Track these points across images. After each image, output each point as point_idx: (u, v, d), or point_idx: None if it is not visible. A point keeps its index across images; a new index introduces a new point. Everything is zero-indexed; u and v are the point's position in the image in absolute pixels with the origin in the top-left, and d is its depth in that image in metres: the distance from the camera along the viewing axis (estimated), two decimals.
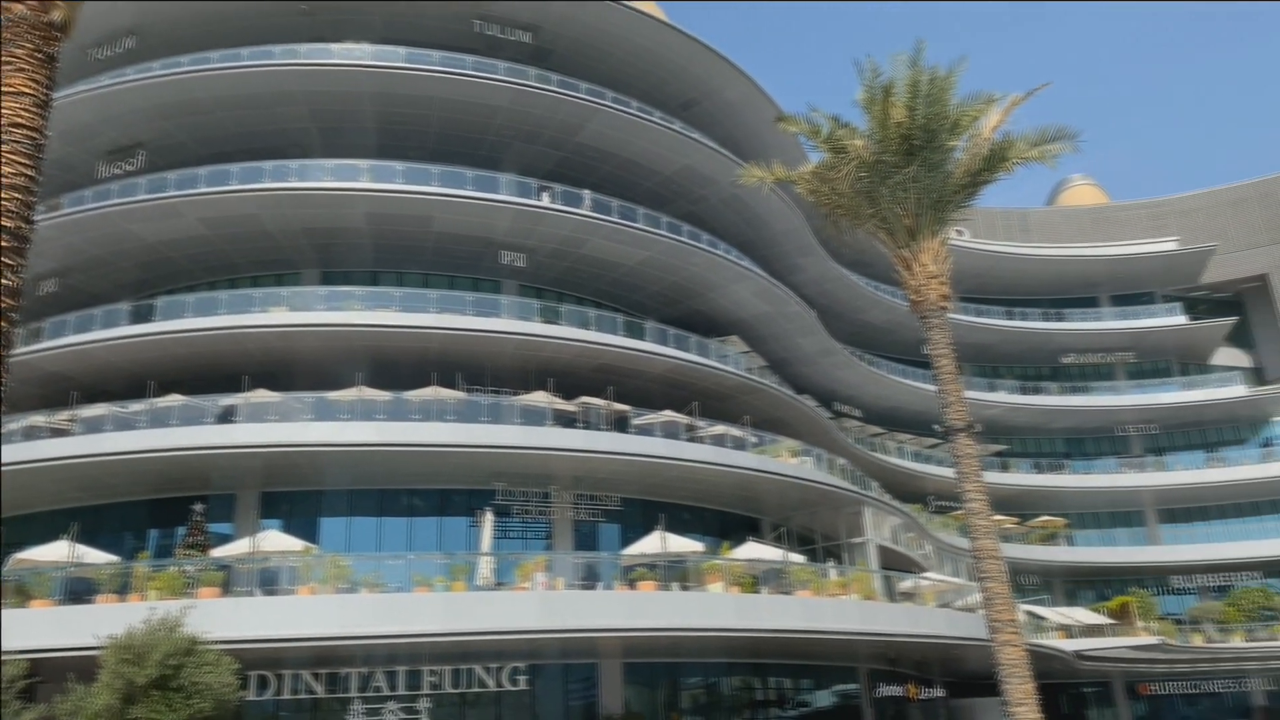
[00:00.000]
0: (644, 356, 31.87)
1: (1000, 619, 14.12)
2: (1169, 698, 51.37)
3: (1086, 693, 51.35)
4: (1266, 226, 57.69)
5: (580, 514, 30.67)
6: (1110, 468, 55.02)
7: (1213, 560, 51.64)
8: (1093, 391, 56.10)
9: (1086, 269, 57.18)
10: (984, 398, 52.68)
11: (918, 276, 15.67)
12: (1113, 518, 55.36)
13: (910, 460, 48.39)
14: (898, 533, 38.26)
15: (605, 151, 34.55)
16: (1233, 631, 48.04)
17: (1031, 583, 50.91)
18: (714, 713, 30.56)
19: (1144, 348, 57.01)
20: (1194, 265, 57.24)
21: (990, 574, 14.36)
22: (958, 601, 34.93)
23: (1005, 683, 13.93)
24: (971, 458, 14.97)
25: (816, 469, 34.16)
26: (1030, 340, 55.55)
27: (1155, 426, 56.29)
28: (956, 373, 15.59)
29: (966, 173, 15.73)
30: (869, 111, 15.54)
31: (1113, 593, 51.17)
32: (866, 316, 48.34)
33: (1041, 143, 15.53)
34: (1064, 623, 44.82)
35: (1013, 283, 56.82)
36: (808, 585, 28.27)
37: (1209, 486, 53.59)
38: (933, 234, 15.72)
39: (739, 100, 36.70)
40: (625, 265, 34.82)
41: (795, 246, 40.49)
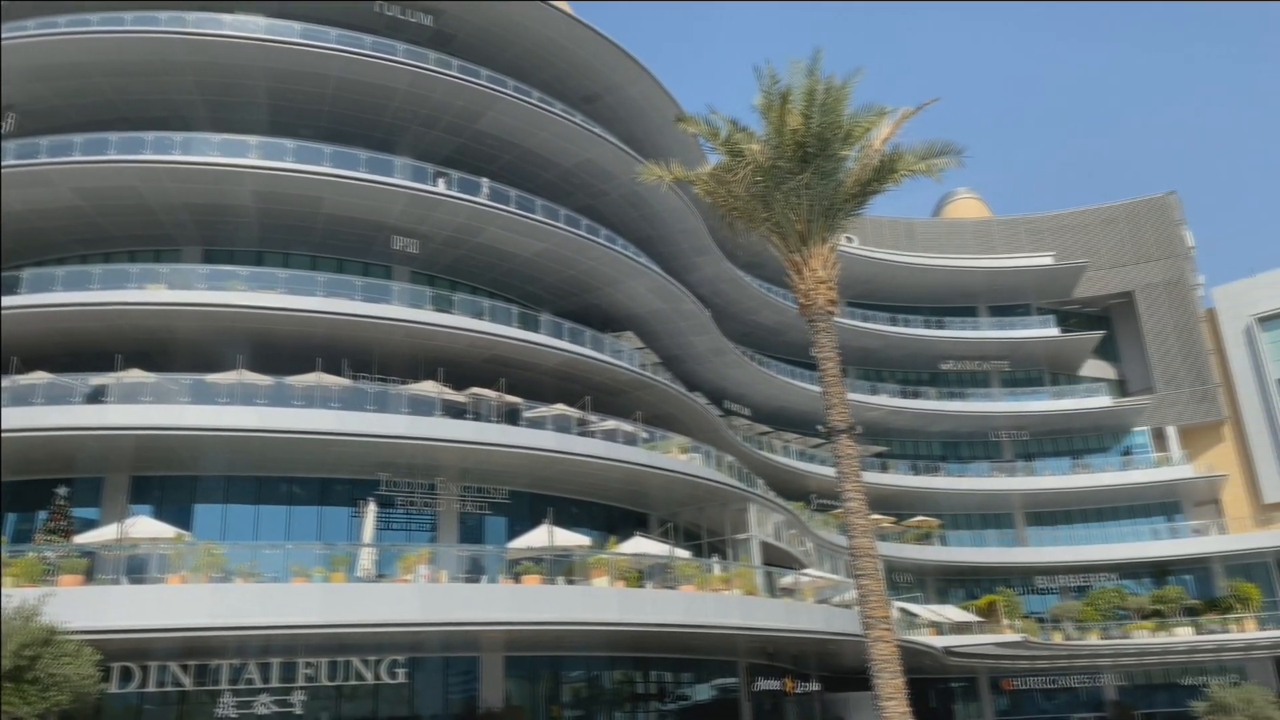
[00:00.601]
0: (538, 349, 31.73)
1: (874, 615, 14.57)
2: (1029, 693, 53.89)
3: (954, 688, 53.44)
4: (1133, 246, 60.91)
5: (467, 506, 30.38)
6: (983, 471, 57.30)
7: (1074, 562, 54.30)
8: (969, 397, 58.35)
9: (967, 279, 59.36)
10: (867, 400, 54.21)
11: (807, 281, 16.03)
12: (984, 519, 57.69)
13: (795, 459, 49.44)
14: (781, 530, 39.06)
15: (505, 140, 34.25)
16: (1089, 630, 50.64)
17: (905, 580, 52.70)
18: (595, 706, 30.69)
19: (1018, 357, 59.53)
20: (1067, 280, 60.02)
21: (866, 571, 14.81)
22: (835, 598, 35.91)
23: (877, 677, 14.38)
24: (852, 458, 15.40)
25: (705, 466, 34.61)
26: (912, 346, 57.38)
27: (1026, 433, 58.86)
28: (841, 375, 16.01)
29: (857, 182, 16.15)
30: (766, 117, 15.81)
31: (982, 591, 53.35)
32: (758, 317, 49.17)
33: (929, 156, 16.06)
34: (935, 620, 46.54)
35: (897, 290, 58.60)
36: (692, 580, 28.64)
37: (1073, 491, 56.35)
38: (823, 240, 16.10)
39: (641, 98, 36.85)
40: (522, 256, 34.59)
41: (692, 246, 40.90)
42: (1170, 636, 49.52)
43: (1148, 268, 60.29)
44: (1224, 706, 35.92)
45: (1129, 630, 50.40)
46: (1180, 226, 61.00)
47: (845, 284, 56.68)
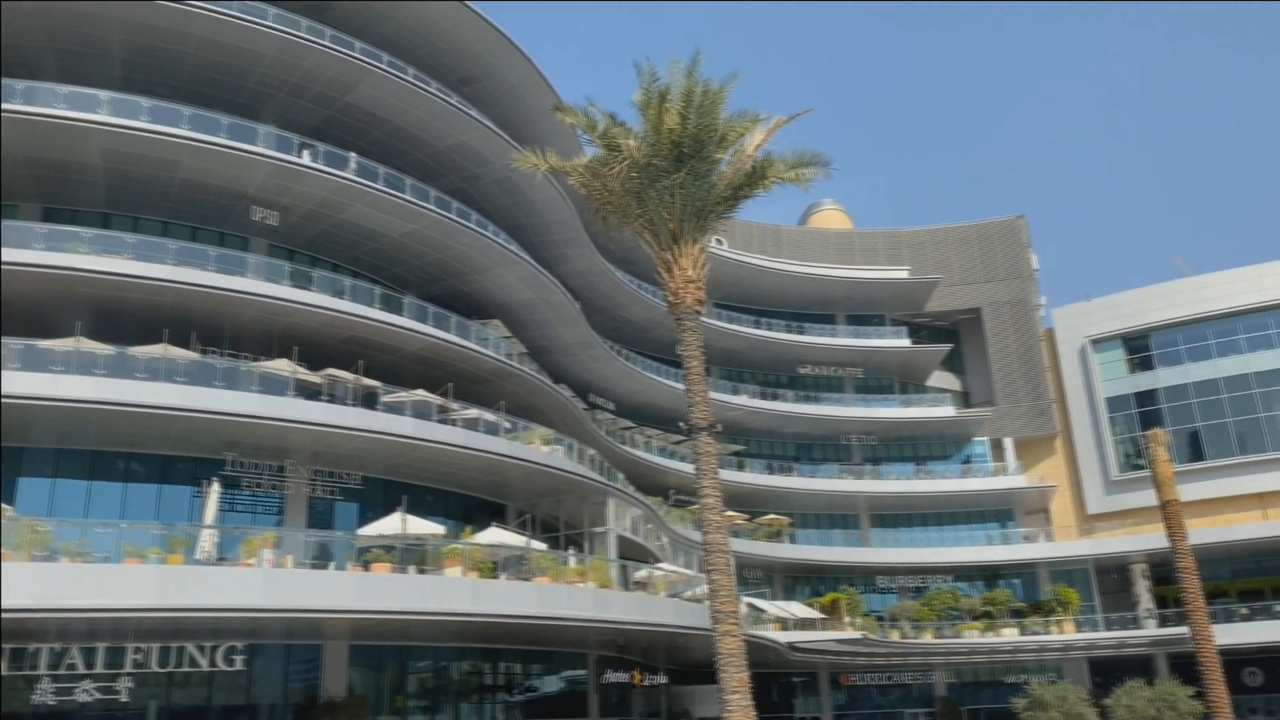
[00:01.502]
0: (400, 332, 31.04)
1: (723, 610, 14.86)
2: (866, 688, 56.09)
3: (795, 682, 55.13)
4: (983, 265, 64.04)
5: (317, 491, 29.51)
6: (833, 473, 59.25)
7: (913, 563, 56.78)
8: (824, 401, 60.24)
9: (828, 288, 61.26)
10: (728, 400, 55.26)
11: (677, 279, 16.20)
12: (831, 519, 59.69)
13: (656, 455, 49.99)
14: (638, 524, 39.44)
15: (377, 116, 33.32)
16: (924, 629, 53.06)
17: (755, 577, 54.05)
18: (441, 697, 30.32)
19: (871, 365, 61.83)
20: (920, 294, 62.66)
21: (718, 567, 15.09)
22: (687, 592, 36.52)
23: (723, 671, 14.67)
24: (711, 455, 15.66)
25: (567, 458, 34.60)
26: (773, 349, 58.84)
27: (875, 438, 61.22)
28: (704, 374, 16.25)
29: (729, 185, 16.41)
30: (644, 114, 15.89)
31: (827, 589, 55.18)
32: (627, 313, 49.45)
33: (798, 166, 16.47)
34: (781, 616, 47.88)
35: (763, 294, 59.97)
36: (547, 572, 28.60)
37: (916, 496, 58.91)
38: (694, 240, 16.29)
39: (520, 84, 36.46)
40: (388, 236, 33.76)
41: (565, 237, 40.77)
42: (998, 637, 52.38)
43: (995, 286, 63.50)
44: (1041, 703, 38.18)
45: (960, 630, 53.06)
46: (1027, 249, 64.46)
47: (713, 285, 57.56)
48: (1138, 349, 60.89)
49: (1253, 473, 55.27)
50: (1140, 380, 60.33)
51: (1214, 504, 53.71)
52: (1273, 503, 54.20)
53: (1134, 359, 60.93)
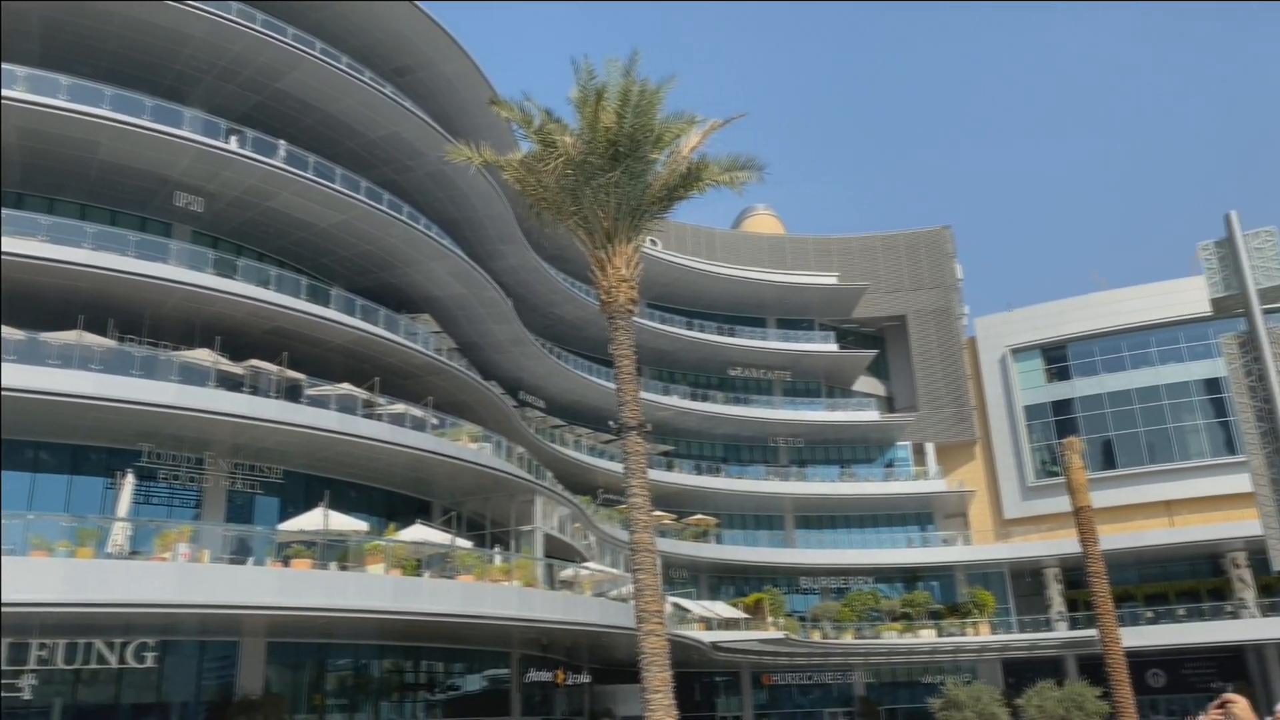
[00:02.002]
0: (327, 324, 30.49)
1: (648, 609, 14.90)
2: (787, 688, 56.78)
3: (718, 682, 55.55)
4: (910, 274, 65.34)
5: (237, 484, 28.85)
6: (760, 474, 59.87)
7: (836, 564, 57.65)
8: (753, 403, 60.82)
9: (760, 292, 61.88)
10: (658, 400, 55.47)
11: (610, 278, 16.19)
12: (757, 520, 60.32)
13: (586, 454, 49.94)
14: (566, 523, 39.35)
15: (308, 104, 32.69)
16: (845, 629, 53.92)
17: (681, 576, 54.35)
18: (361, 695, 29.87)
19: (800, 368, 62.63)
20: (849, 300, 63.65)
21: (644, 566, 15.12)
22: (613, 591, 36.53)
23: (645, 670, 14.71)
24: (640, 455, 15.69)
25: (495, 456, 34.35)
26: (704, 351, 59.23)
27: (802, 440, 62.03)
28: (635, 373, 16.28)
29: (665, 186, 16.46)
30: (581, 111, 15.86)
31: (751, 589, 55.73)
32: (560, 311, 49.30)
33: (732, 169, 16.59)
34: (705, 616, 48.20)
35: (695, 296, 60.34)
36: (472, 570, 28.36)
37: (839, 498, 59.83)
38: (628, 239, 16.30)
39: (456, 77, 36.09)
40: (317, 226, 33.14)
41: (498, 233, 40.47)
42: (916, 638, 53.48)
43: (921, 295, 64.82)
44: (956, 703, 39.11)
45: (880, 631, 54.04)
46: (952, 259, 65.94)
47: (646, 285, 57.68)
48: (1055, 359, 62.74)
49: (1161, 481, 57.32)
50: (1057, 390, 62.14)
51: (1124, 511, 55.55)
52: (1179, 510, 56.25)
53: (1052, 369, 62.75)
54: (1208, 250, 9.57)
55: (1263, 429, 9.04)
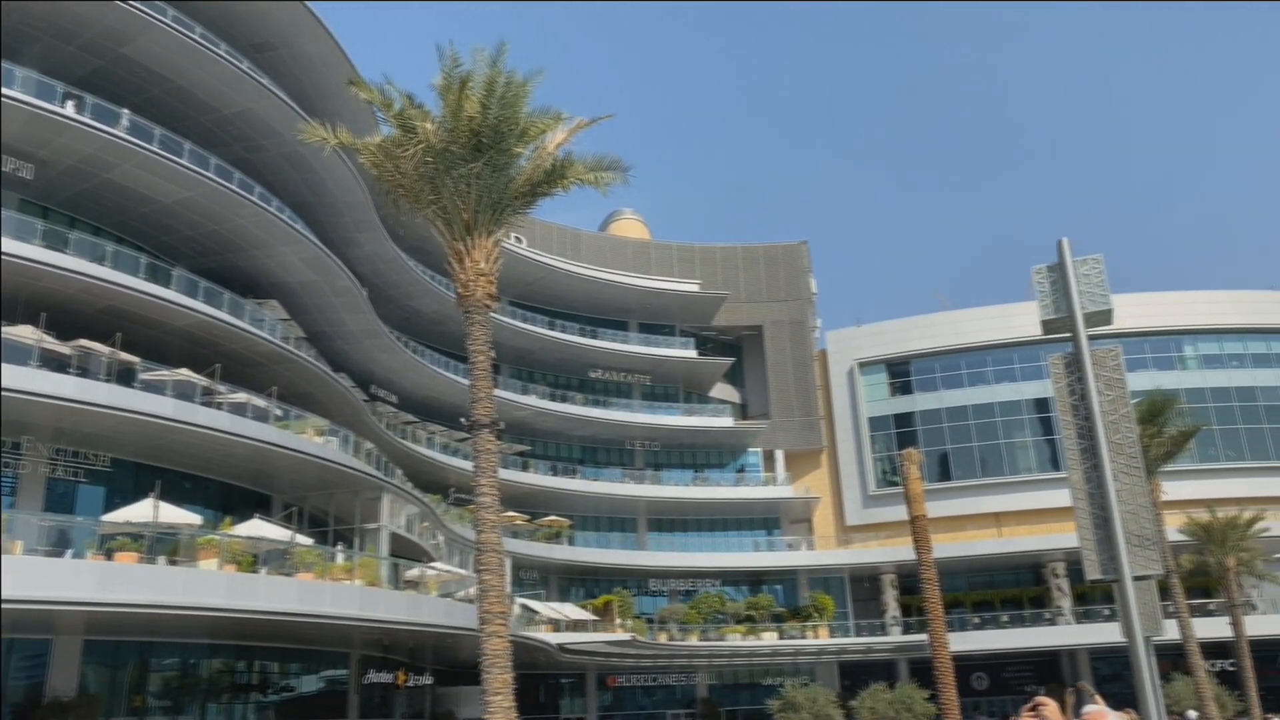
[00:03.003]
0: (166, 305, 28.89)
1: (491, 610, 14.66)
2: (631, 689, 57.16)
3: (564, 683, 55.45)
4: (767, 285, 66.92)
5: (58, 471, 26.99)
6: (616, 477, 60.14)
7: (685, 567, 58.41)
8: (612, 406, 61.03)
9: (623, 295, 62.20)
10: (517, 399, 55.01)
11: (468, 271, 15.88)
12: (611, 522, 60.54)
13: (438, 452, 49.03)
14: (413, 522, 38.52)
15: (156, 73, 30.93)
16: (691, 631, 54.69)
17: (531, 578, 53.99)
18: (187, 696, 28.42)
19: (660, 373, 63.26)
20: (710, 307, 64.70)
21: (489, 567, 14.88)
22: (460, 592, 35.95)
23: (486, 672, 14.46)
24: (491, 454, 15.43)
25: (342, 450, 33.30)
26: (566, 351, 59.11)
27: (658, 444, 62.65)
28: (490, 370, 16.01)
29: (528, 181, 16.27)
30: (444, 99, 15.51)
31: (601, 591, 55.87)
32: (417, 304, 48.25)
33: (598, 169, 16.54)
34: (554, 617, 48.04)
35: (559, 296, 60.16)
36: (312, 568, 27.44)
37: (691, 502, 60.67)
38: (488, 233, 16.03)
39: (318, 57, 34.85)
40: (160, 202, 31.40)
41: (356, 220, 39.28)
42: (758, 640, 54.72)
43: (777, 306, 66.47)
44: (794, 705, 40.23)
45: (724, 633, 55.04)
46: (807, 273, 67.90)
47: (510, 283, 57.26)
48: (899, 374, 65.42)
49: (991, 494, 60.49)
50: (899, 403, 64.80)
51: (957, 521, 58.31)
52: (1007, 522, 59.48)
53: (895, 383, 65.39)
54: (1040, 274, 10.06)
55: (1082, 446, 9.55)
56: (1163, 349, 62.06)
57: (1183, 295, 63.64)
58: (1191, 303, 63.10)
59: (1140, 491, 9.24)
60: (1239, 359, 62.25)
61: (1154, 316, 61.77)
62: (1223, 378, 61.47)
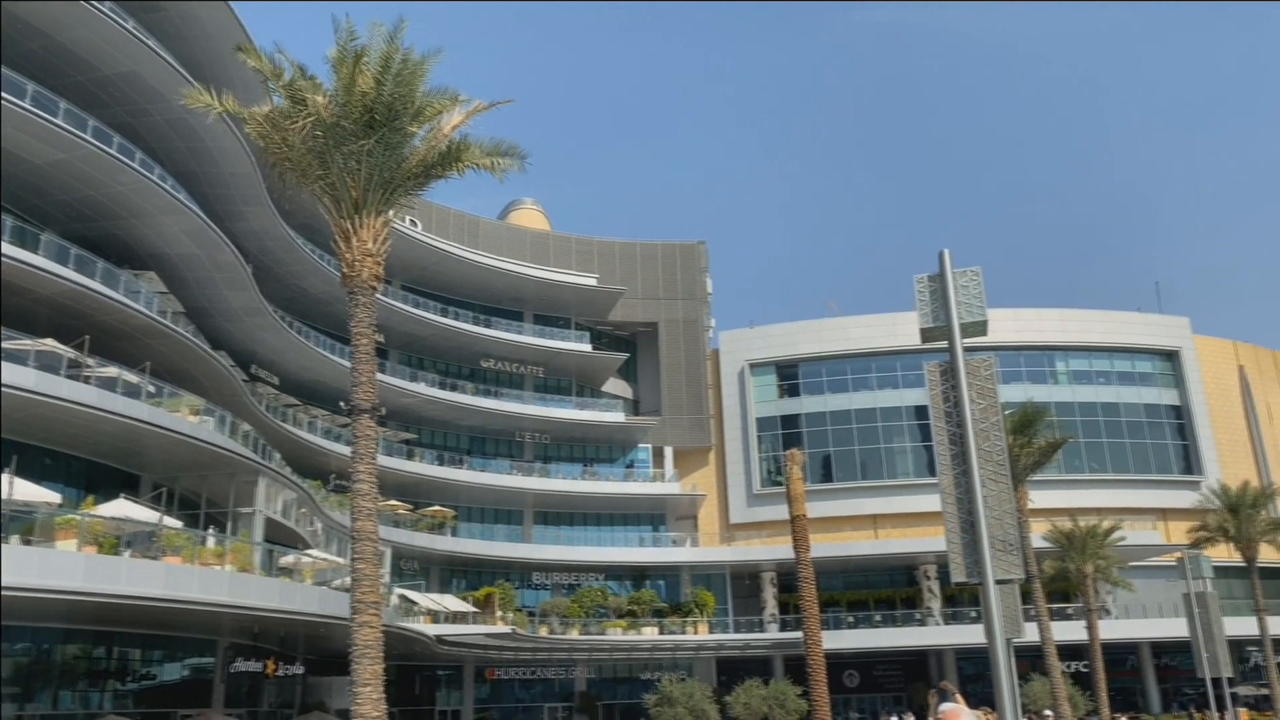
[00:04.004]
0: (33, 272, 27.31)
1: (364, 600, 14.34)
2: (510, 682, 56.86)
3: (441, 675, 54.77)
4: (664, 283, 67.37)
5: None
6: (503, 468, 59.69)
7: (570, 561, 58.34)
8: (503, 397, 60.53)
9: (519, 285, 61.72)
10: (405, 386, 54.06)
11: (355, 251, 15.46)
12: (496, 514, 60.07)
13: (320, 436, 47.76)
14: (291, 507, 37.42)
15: (34, 27, 29.19)
16: (572, 625, 54.68)
17: (412, 568, 53.11)
18: (38, 683, 26.99)
19: (553, 366, 63.00)
20: (606, 302, 64.74)
21: (364, 555, 14.54)
22: (336, 581, 35.08)
23: (356, 663, 14.14)
24: (370, 439, 15.08)
25: (217, 431, 32.08)
26: (458, 340, 58.33)
27: (548, 437, 62.41)
28: (374, 354, 15.64)
29: (422, 162, 15.93)
30: (338, 72, 15.05)
31: (484, 583, 55.37)
32: (305, 283, 46.89)
33: (495, 154, 16.30)
34: (434, 608, 47.40)
35: (454, 283, 59.31)
36: (180, 552, 26.33)
37: (579, 496, 60.63)
38: (378, 213, 15.64)
39: (210, 21, 33.45)
40: (32, 163, 29.67)
41: (243, 194, 37.89)
42: (639, 635, 55.06)
43: (672, 304, 66.97)
44: (670, 699, 40.59)
45: (605, 628, 55.21)
46: (704, 273, 68.61)
47: (402, 267, 56.24)
48: (788, 376, 66.74)
49: (870, 496, 62.24)
50: (787, 405, 66.10)
51: (836, 521, 59.80)
52: (883, 524, 61.27)
53: (784, 385, 66.70)
54: (922, 283, 10.33)
55: (954, 452, 9.83)
56: (1036, 363, 64.90)
57: (1058, 312, 66.63)
58: (1066, 320, 66.12)
59: (1006, 498, 9.57)
60: (1106, 376, 65.52)
61: (1030, 331, 64.52)
62: (1090, 393, 64.61)
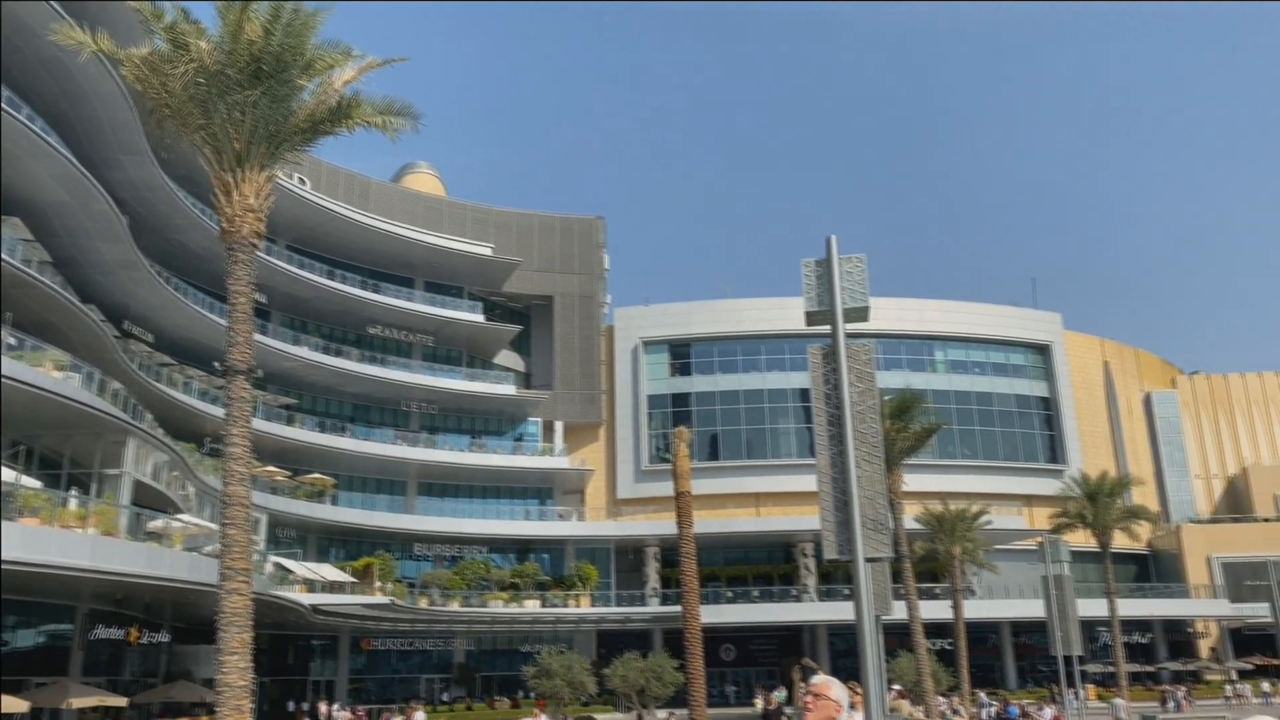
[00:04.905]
0: None
1: (234, 566, 13.90)
2: (387, 653, 56.19)
3: (316, 645, 53.73)
4: (561, 256, 66.98)
5: None
6: (388, 438, 58.63)
7: (453, 533, 57.80)
8: (390, 365, 59.36)
9: (411, 250, 60.45)
10: (287, 349, 52.53)
11: (235, 205, 14.84)
12: (379, 484, 59.03)
13: (196, 397, 46.00)
14: (162, 470, 35.99)
15: None
16: (453, 597, 54.28)
17: (289, 536, 51.78)
18: None
19: (443, 335, 62.03)
20: (501, 273, 63.97)
21: (235, 521, 14.07)
22: (207, 547, 33.97)
23: (224, 631, 13.73)
24: (244, 402, 14.57)
25: (84, 388, 30.52)
26: (345, 304, 56.88)
27: (435, 407, 61.51)
28: (251, 313, 15.09)
29: (310, 117, 15.38)
30: (224, 18, 14.35)
31: (364, 553, 54.42)
32: (184, 238, 44.95)
33: (387, 113, 15.86)
34: (310, 578, 46.34)
35: (342, 244, 57.71)
36: (39, 513, 25.04)
37: (465, 468, 60.05)
38: (262, 167, 15.03)
39: None
40: None
41: (120, 140, 35.98)
42: (520, 608, 55.07)
43: (569, 278, 66.67)
44: (548, 671, 40.70)
45: (487, 600, 55.01)
46: (601, 248, 68.48)
47: (289, 225, 54.46)
48: (680, 355, 67.36)
49: (754, 475, 63.44)
50: (678, 383, 66.74)
51: (722, 499, 60.82)
52: (766, 503, 62.59)
53: (676, 363, 67.30)
54: (809, 268, 10.50)
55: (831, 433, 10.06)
56: (917, 351, 67.07)
57: (939, 304, 68.89)
58: (946, 311, 68.42)
59: (878, 479, 9.84)
60: (981, 366, 68.15)
61: (912, 321, 66.56)
62: (966, 382, 67.13)
